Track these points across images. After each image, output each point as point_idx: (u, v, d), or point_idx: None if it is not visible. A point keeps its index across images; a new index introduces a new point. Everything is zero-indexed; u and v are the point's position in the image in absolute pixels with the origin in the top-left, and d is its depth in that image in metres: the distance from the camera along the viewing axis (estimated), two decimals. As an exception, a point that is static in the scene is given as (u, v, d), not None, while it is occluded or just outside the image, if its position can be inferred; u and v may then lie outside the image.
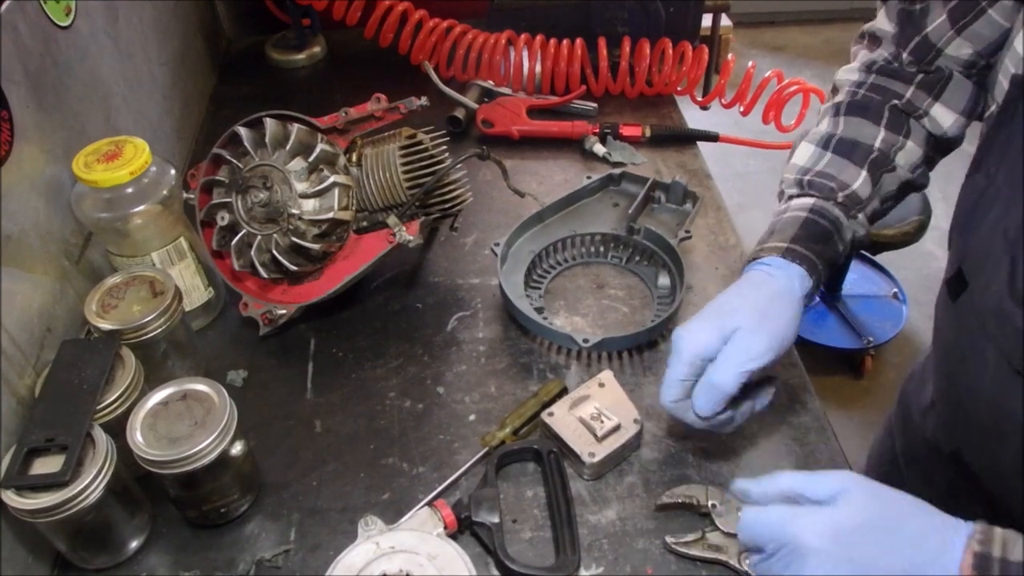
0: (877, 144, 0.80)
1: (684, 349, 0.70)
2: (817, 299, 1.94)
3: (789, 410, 0.83)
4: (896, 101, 0.80)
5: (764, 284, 0.73)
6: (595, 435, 0.77)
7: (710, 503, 0.72)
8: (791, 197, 0.80)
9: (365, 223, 0.91)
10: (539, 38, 1.25)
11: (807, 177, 0.79)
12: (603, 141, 1.20)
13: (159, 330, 0.78)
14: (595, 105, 1.27)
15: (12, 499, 0.63)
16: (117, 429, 0.69)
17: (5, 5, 0.75)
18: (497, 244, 0.96)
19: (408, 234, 0.86)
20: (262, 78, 1.44)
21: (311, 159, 0.86)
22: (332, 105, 0.90)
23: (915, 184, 0.83)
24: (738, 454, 0.79)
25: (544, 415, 0.79)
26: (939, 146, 0.82)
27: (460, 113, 1.24)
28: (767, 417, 0.80)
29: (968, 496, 0.77)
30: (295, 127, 0.87)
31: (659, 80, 1.28)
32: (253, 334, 0.93)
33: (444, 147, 0.94)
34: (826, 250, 0.75)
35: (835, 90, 0.87)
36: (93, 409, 0.68)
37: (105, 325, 0.76)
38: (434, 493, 0.76)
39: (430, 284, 1.00)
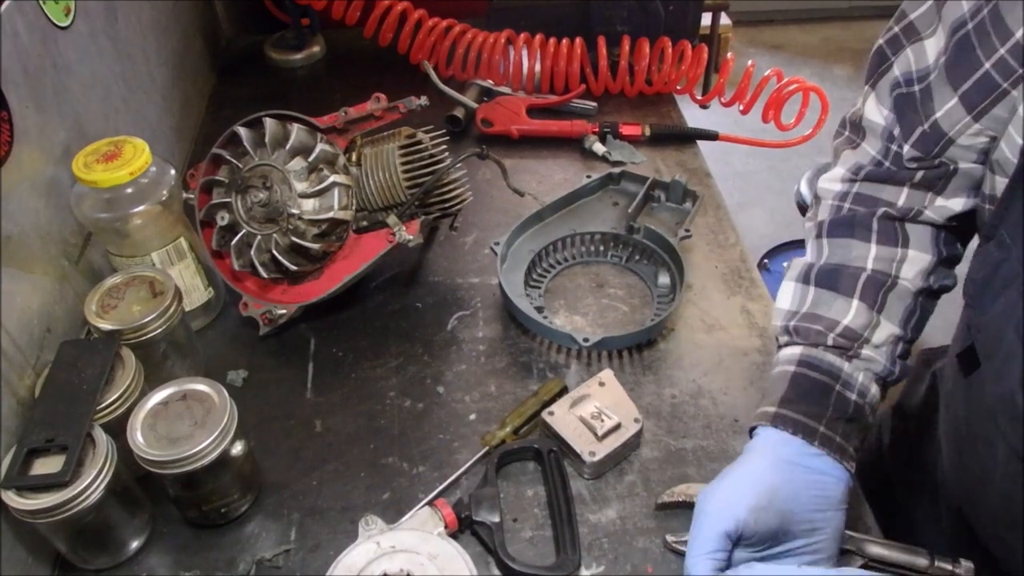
0: (870, 264, 0.70)
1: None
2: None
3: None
4: (886, 209, 0.71)
5: (739, 458, 0.68)
6: (595, 434, 0.77)
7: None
8: (781, 346, 0.73)
9: (365, 223, 0.91)
10: (538, 37, 1.25)
11: (792, 323, 0.71)
12: (603, 140, 1.20)
13: (159, 330, 0.77)
14: (594, 104, 1.27)
15: (12, 499, 0.63)
16: (117, 429, 0.69)
17: (5, 5, 0.75)
18: (497, 243, 0.96)
19: (408, 234, 0.86)
20: (261, 78, 1.44)
21: (311, 159, 0.86)
22: (332, 105, 0.90)
23: (935, 290, 0.73)
24: (739, 452, 0.79)
25: (544, 414, 0.79)
26: (960, 227, 0.72)
27: (460, 112, 1.24)
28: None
29: (969, 547, 0.73)
30: (295, 127, 0.87)
31: (658, 79, 1.28)
32: (253, 334, 0.93)
33: (444, 146, 0.94)
34: (825, 409, 0.66)
35: (817, 199, 0.78)
36: (93, 409, 0.68)
37: (105, 325, 0.76)
38: (434, 492, 0.76)
39: (430, 284, 1.00)
